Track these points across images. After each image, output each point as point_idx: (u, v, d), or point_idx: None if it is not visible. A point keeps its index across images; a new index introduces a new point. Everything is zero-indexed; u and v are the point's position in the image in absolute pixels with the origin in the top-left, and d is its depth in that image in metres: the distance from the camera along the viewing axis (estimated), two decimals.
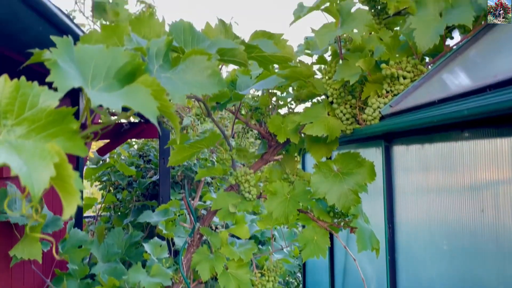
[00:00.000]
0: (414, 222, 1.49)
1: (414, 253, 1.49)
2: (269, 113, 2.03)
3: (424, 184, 1.41)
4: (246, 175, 1.90)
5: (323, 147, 1.86)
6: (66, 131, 0.70)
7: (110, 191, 3.66)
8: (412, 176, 1.51)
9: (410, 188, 1.52)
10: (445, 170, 1.27)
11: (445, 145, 1.26)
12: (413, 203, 1.50)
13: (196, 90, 0.95)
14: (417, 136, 1.45)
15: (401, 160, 1.58)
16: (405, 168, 1.56)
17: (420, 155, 1.44)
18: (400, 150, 1.58)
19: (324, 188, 1.71)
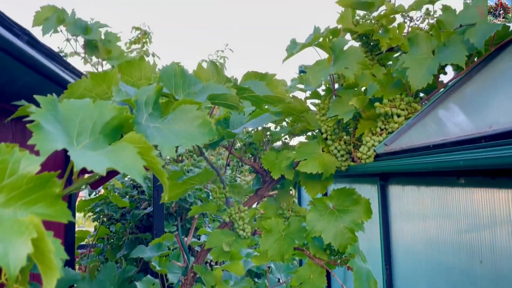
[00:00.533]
0: (412, 264, 1.46)
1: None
2: (263, 147, 2.00)
3: (421, 226, 1.38)
4: (240, 212, 1.87)
5: (318, 184, 1.84)
6: (48, 196, 0.67)
7: (104, 222, 3.60)
8: (409, 216, 1.48)
9: (407, 229, 1.49)
10: (442, 215, 1.25)
11: (441, 190, 1.24)
12: (411, 245, 1.46)
13: (186, 142, 0.93)
14: (413, 177, 1.43)
15: (397, 199, 1.55)
16: (402, 208, 1.53)
17: (416, 196, 1.41)
18: (396, 189, 1.56)
19: (320, 226, 1.68)
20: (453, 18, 1.59)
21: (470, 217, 1.10)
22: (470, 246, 1.09)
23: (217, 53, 7.05)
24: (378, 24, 1.71)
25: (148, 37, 8.05)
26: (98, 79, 1.07)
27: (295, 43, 1.76)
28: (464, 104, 1.32)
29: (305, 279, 1.79)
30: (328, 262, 1.86)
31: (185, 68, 1.26)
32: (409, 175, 1.45)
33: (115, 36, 1.89)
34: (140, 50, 7.88)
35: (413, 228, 1.44)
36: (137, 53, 8.23)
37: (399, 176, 1.51)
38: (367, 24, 1.71)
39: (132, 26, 8.43)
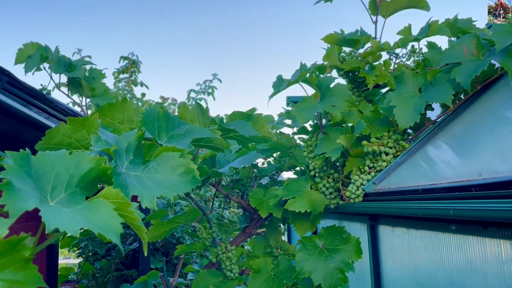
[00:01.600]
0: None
1: None
2: (250, 184, 1.97)
3: (412, 268, 1.35)
4: (227, 252, 1.82)
5: (307, 222, 1.80)
6: (17, 260, 0.63)
7: (89, 257, 3.50)
8: (399, 258, 1.45)
9: (398, 270, 1.45)
10: (433, 259, 1.22)
11: (431, 234, 1.21)
12: (402, 286, 1.42)
13: (167, 192, 0.89)
14: (403, 220, 1.40)
15: (387, 240, 1.52)
16: (392, 249, 1.50)
17: (406, 238, 1.38)
18: (386, 230, 1.53)
19: (309, 267, 1.63)
20: (439, 55, 1.59)
21: (462, 263, 1.07)
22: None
23: (205, 83, 7.06)
24: (364, 61, 1.71)
25: (136, 67, 8.06)
26: (78, 124, 1.04)
27: (282, 80, 1.75)
28: (452, 143, 1.31)
29: None
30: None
31: (169, 111, 1.24)
32: (399, 217, 1.42)
33: (99, 72, 1.87)
34: (128, 80, 7.87)
35: (404, 269, 1.41)
36: (125, 82, 8.23)
37: (389, 218, 1.49)
38: (353, 61, 1.71)
39: (120, 56, 8.45)
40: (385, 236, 1.53)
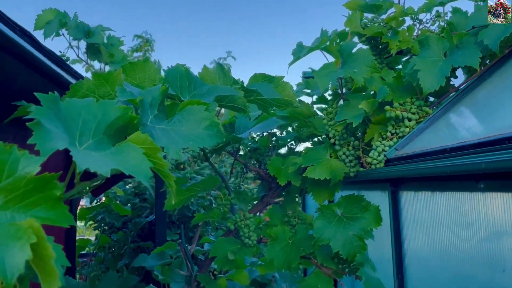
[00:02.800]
0: (426, 273, 1.40)
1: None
2: (269, 153, 1.96)
3: (436, 233, 1.33)
4: (245, 219, 1.82)
5: (326, 190, 1.79)
6: (48, 198, 0.63)
7: (105, 231, 3.54)
8: (422, 223, 1.43)
9: (420, 236, 1.44)
10: (459, 221, 1.20)
11: (458, 195, 1.20)
12: (425, 253, 1.41)
13: (193, 144, 0.89)
14: (427, 182, 1.38)
15: (410, 206, 1.51)
16: (414, 215, 1.48)
17: (430, 202, 1.36)
18: (408, 195, 1.51)
19: (328, 234, 1.63)
20: (464, 20, 1.55)
21: (490, 223, 1.05)
22: (490, 254, 1.04)
23: (219, 60, 7.02)
24: (387, 26, 1.67)
25: (150, 45, 8.05)
26: (102, 79, 1.03)
27: (302, 47, 1.73)
28: (478, 107, 1.28)
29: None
30: (336, 271, 1.80)
31: (191, 70, 1.23)
32: (423, 180, 1.40)
33: (117, 40, 1.86)
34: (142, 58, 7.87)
35: (427, 235, 1.39)
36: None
37: (412, 182, 1.47)
38: (375, 27, 1.67)
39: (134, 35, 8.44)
40: (407, 202, 1.51)
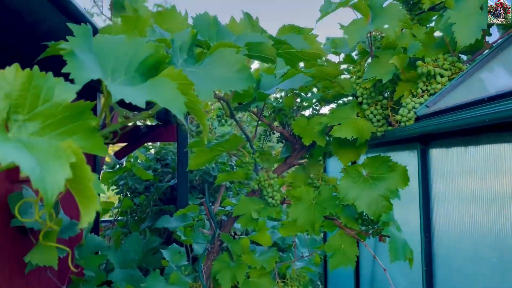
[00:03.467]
0: (456, 231, 1.38)
1: (456, 265, 1.38)
2: (293, 114, 1.94)
3: (468, 190, 1.30)
4: (269, 179, 1.81)
5: (351, 151, 1.77)
6: (84, 128, 0.62)
7: (127, 195, 3.60)
8: (453, 181, 1.40)
9: (450, 195, 1.41)
10: (494, 176, 1.17)
11: (494, 148, 1.16)
12: (454, 211, 1.39)
13: (224, 86, 0.87)
14: (460, 137, 1.34)
15: (440, 164, 1.47)
16: (445, 173, 1.45)
17: (463, 158, 1.33)
18: (439, 153, 1.47)
19: (353, 194, 1.61)
20: None
21: None
22: None
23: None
24: None
25: None
26: (131, 24, 1.02)
27: (330, 3, 1.67)
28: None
29: (336, 249, 1.73)
30: (359, 232, 1.80)
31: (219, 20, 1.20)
32: (455, 134, 1.36)
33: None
34: None
35: (458, 193, 1.37)
36: None
37: (443, 138, 1.43)
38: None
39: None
40: (438, 160, 1.48)
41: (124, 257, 2.43)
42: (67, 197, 2.31)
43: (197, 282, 2.03)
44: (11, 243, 1.76)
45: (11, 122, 0.57)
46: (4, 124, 0.57)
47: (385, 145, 1.88)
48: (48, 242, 1.75)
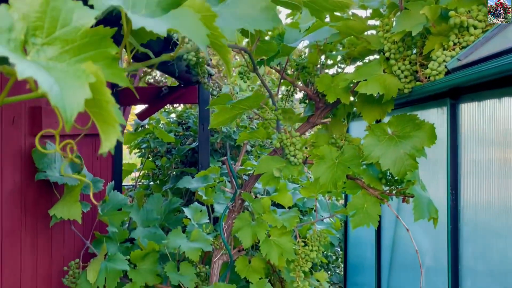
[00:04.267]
0: (484, 188, 1.34)
1: (483, 223, 1.35)
2: (317, 72, 1.89)
3: (501, 148, 1.25)
4: (291, 137, 1.78)
5: (377, 109, 1.72)
6: (104, 56, 0.60)
7: (149, 158, 3.63)
8: (484, 137, 1.35)
9: (480, 151, 1.36)
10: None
11: None
12: (484, 168, 1.34)
13: (248, 25, 0.84)
14: (494, 89, 1.28)
15: (470, 119, 1.42)
16: (475, 130, 1.40)
17: (496, 111, 1.27)
18: (469, 108, 1.42)
19: (378, 152, 1.58)
20: None
21: None
22: None
23: None
24: None
25: None
26: None
27: None
28: None
29: (358, 208, 1.71)
30: (383, 192, 1.77)
31: None
32: (488, 86, 1.30)
33: None
34: None
35: (489, 148, 1.32)
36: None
37: (475, 91, 1.37)
38: None
39: None
40: (468, 115, 1.42)
41: (147, 216, 2.46)
42: (91, 158, 2.32)
43: (218, 240, 2.05)
44: (36, 197, 1.79)
45: (29, 46, 0.55)
46: (22, 47, 0.55)
47: (411, 104, 1.83)
48: (72, 196, 1.77)
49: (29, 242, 1.74)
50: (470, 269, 1.37)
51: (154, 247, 2.07)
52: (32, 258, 1.77)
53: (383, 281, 2.48)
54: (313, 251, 1.94)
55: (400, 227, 2.26)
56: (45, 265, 1.87)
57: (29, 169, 1.72)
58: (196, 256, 1.93)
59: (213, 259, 2.02)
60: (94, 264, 1.85)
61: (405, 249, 2.18)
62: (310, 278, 2.46)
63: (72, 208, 1.76)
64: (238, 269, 1.98)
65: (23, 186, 1.69)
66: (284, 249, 1.91)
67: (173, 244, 1.97)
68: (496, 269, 1.27)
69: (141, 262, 2.02)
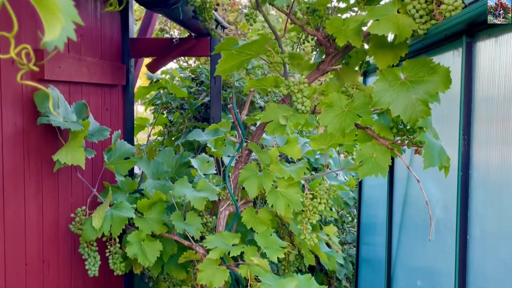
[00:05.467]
0: (499, 133, 1.25)
1: (496, 168, 1.27)
2: (328, 16, 1.79)
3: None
4: (299, 84, 1.71)
5: (390, 53, 1.63)
6: None
7: (163, 114, 3.60)
8: (500, 79, 1.25)
9: (497, 91, 1.27)
10: None
11: None
12: (498, 112, 1.25)
13: None
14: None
15: (487, 57, 1.32)
16: (491, 70, 1.30)
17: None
18: (486, 45, 1.31)
19: (388, 98, 1.50)
20: None
21: None
22: None
23: None
24: None
25: None
26: None
27: None
28: None
29: (367, 158, 1.65)
30: (394, 142, 1.69)
31: None
32: None
33: None
34: None
35: (504, 91, 1.22)
36: None
37: (493, 26, 1.26)
38: None
39: None
40: (485, 53, 1.32)
41: (157, 169, 2.44)
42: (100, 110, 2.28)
43: (225, 190, 2.02)
44: (40, 143, 1.78)
45: None
46: None
47: (426, 51, 1.72)
48: (76, 142, 1.75)
49: (34, 188, 1.74)
50: (480, 216, 1.30)
51: (162, 197, 2.05)
52: (37, 204, 1.77)
53: (393, 239, 2.43)
54: (321, 204, 1.89)
55: (412, 184, 2.19)
56: (52, 211, 1.88)
57: (31, 113, 1.70)
58: (201, 205, 1.90)
59: (220, 209, 2.00)
60: (99, 210, 1.84)
61: (416, 206, 2.12)
62: (319, 233, 2.43)
63: (76, 153, 1.75)
64: (245, 220, 1.95)
65: (25, 130, 1.67)
66: (290, 200, 1.86)
67: (179, 192, 1.95)
68: (507, 215, 1.20)
69: (148, 211, 2.02)
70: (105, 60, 2.38)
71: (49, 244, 1.86)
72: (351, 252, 3.98)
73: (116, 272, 2.00)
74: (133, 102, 2.83)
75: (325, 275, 3.76)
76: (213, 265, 1.79)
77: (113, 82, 2.46)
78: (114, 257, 2.00)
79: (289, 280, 1.55)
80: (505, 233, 1.21)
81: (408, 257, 2.21)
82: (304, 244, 2.22)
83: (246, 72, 3.58)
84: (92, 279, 2.23)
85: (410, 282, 2.12)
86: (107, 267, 2.02)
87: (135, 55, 2.69)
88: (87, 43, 2.18)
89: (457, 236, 1.35)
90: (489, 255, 1.26)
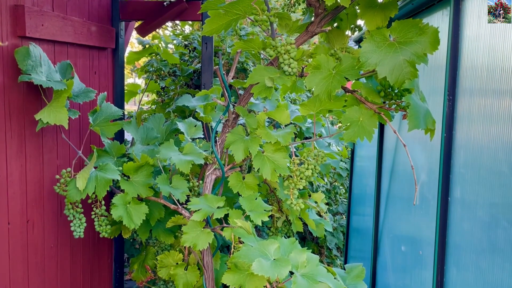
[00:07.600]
0: (484, 93, 1.23)
1: (479, 130, 1.25)
2: None
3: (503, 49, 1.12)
4: (286, 44, 1.67)
5: (379, 13, 1.59)
6: None
7: (156, 81, 3.55)
8: (489, 35, 1.22)
9: (483, 50, 1.24)
10: None
11: None
12: (483, 74, 1.22)
13: None
14: None
15: (475, 18, 1.28)
16: (481, 28, 1.26)
17: None
18: (475, 4, 1.27)
19: (375, 59, 1.47)
20: None
21: None
22: None
23: None
24: None
25: None
26: None
27: None
28: None
29: (353, 121, 1.62)
30: (381, 106, 1.67)
31: None
32: None
33: None
34: None
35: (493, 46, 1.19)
36: None
37: None
38: None
39: None
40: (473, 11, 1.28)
41: (147, 134, 2.41)
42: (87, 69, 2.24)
43: (212, 155, 2.00)
44: (22, 102, 1.75)
45: None
46: None
47: (416, 13, 1.68)
48: (59, 102, 1.73)
49: (16, 147, 1.72)
50: (461, 177, 1.29)
51: (148, 161, 2.03)
52: (20, 164, 1.75)
53: (381, 208, 2.43)
54: (309, 169, 1.88)
55: (400, 153, 2.17)
56: (35, 172, 1.86)
57: (13, 71, 1.67)
58: (187, 168, 1.89)
59: (206, 173, 1.98)
60: (83, 172, 1.83)
61: (404, 174, 2.10)
62: (308, 200, 2.43)
63: (59, 113, 1.72)
64: (231, 184, 1.94)
65: (6, 89, 1.64)
66: (277, 165, 1.85)
67: (164, 155, 1.93)
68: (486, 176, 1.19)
69: (134, 174, 2.00)
70: (93, 21, 2.33)
71: (33, 204, 1.86)
72: (343, 223, 4.01)
73: (102, 234, 2.00)
74: (123, 67, 2.79)
75: (316, 244, 3.79)
76: (197, 228, 1.79)
77: (101, 45, 2.42)
78: (100, 219, 1.99)
79: (271, 242, 1.54)
80: (483, 192, 1.20)
81: (394, 225, 2.21)
82: (292, 211, 2.22)
83: (239, 39, 3.52)
84: (79, 242, 2.23)
85: (395, 249, 2.13)
86: (96, 232, 2.01)
87: (125, 18, 2.64)
88: (73, 2, 2.13)
89: (438, 198, 1.34)
90: (467, 215, 1.26)
